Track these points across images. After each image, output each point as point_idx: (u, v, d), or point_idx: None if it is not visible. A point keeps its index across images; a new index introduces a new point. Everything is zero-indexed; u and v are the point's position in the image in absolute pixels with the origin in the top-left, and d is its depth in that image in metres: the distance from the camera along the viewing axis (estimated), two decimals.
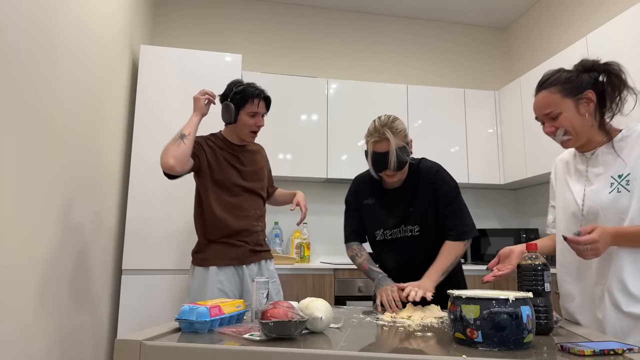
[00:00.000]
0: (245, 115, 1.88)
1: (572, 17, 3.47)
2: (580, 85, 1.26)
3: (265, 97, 1.91)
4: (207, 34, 3.78)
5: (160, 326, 1.09)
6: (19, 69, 1.40)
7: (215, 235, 1.88)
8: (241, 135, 1.92)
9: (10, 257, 1.40)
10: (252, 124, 1.89)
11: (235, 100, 1.87)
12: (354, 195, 1.75)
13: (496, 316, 0.90)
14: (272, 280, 1.95)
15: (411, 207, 1.64)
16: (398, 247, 1.67)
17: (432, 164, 1.67)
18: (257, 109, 1.88)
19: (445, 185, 1.62)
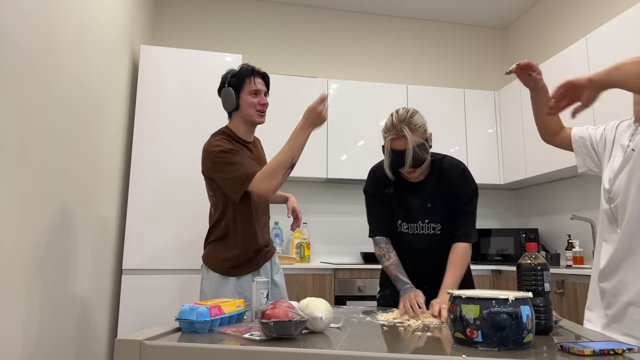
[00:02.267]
0: (247, 95, 1.77)
1: (571, 17, 3.47)
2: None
3: (261, 73, 1.81)
4: (207, 34, 3.78)
5: (160, 326, 1.09)
6: (18, 69, 1.40)
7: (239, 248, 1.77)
8: (248, 118, 1.78)
9: (9, 257, 1.40)
10: (257, 102, 1.77)
11: (232, 84, 1.78)
12: (375, 184, 1.67)
13: (496, 316, 0.90)
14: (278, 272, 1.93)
15: (429, 203, 1.60)
16: (417, 242, 1.62)
17: (458, 162, 1.62)
18: (256, 86, 1.77)
19: (468, 186, 1.59)
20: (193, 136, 2.75)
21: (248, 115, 1.78)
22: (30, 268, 1.54)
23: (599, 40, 2.72)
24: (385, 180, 1.65)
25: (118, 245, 2.65)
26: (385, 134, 1.54)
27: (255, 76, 1.78)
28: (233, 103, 1.77)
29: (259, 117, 1.79)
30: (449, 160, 1.63)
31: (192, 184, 2.71)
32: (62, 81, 1.74)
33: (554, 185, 3.54)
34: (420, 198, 1.61)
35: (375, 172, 1.69)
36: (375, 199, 1.68)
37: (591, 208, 3.16)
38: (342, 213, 3.71)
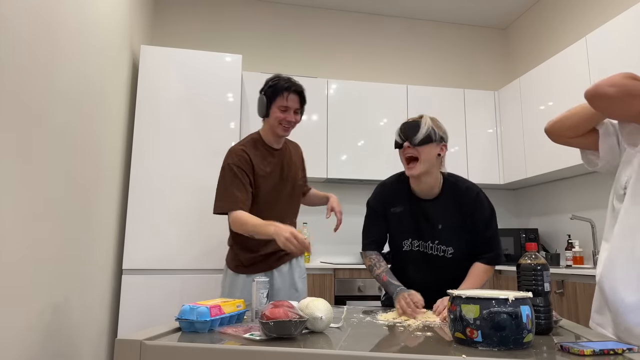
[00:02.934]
0: (276, 108, 1.82)
1: (571, 17, 3.47)
2: None
3: (297, 90, 1.84)
4: (207, 34, 3.78)
5: (160, 326, 1.09)
6: (18, 69, 1.40)
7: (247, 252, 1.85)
8: (273, 129, 1.84)
9: (10, 257, 1.40)
10: (282, 118, 1.81)
11: (267, 93, 1.84)
12: (381, 201, 1.65)
13: (496, 316, 0.90)
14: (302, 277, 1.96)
15: (440, 224, 1.57)
16: (427, 262, 1.60)
17: (473, 185, 1.59)
18: (286, 102, 1.81)
19: (486, 210, 1.56)
20: (193, 136, 2.75)
21: (273, 126, 1.84)
22: (30, 267, 1.54)
23: (599, 40, 2.72)
24: (394, 198, 1.63)
25: (118, 245, 2.65)
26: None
27: (290, 93, 1.82)
28: (262, 112, 1.85)
29: (282, 132, 1.84)
30: (464, 183, 1.60)
31: (192, 184, 2.71)
32: (62, 81, 1.74)
33: (554, 185, 3.54)
34: (431, 218, 1.58)
35: (383, 189, 1.67)
36: (377, 215, 1.65)
37: (591, 208, 3.16)
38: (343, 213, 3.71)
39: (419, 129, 1.50)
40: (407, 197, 1.61)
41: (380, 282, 1.56)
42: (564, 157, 2.99)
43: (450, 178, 1.60)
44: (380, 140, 3.53)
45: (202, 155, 2.75)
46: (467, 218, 1.56)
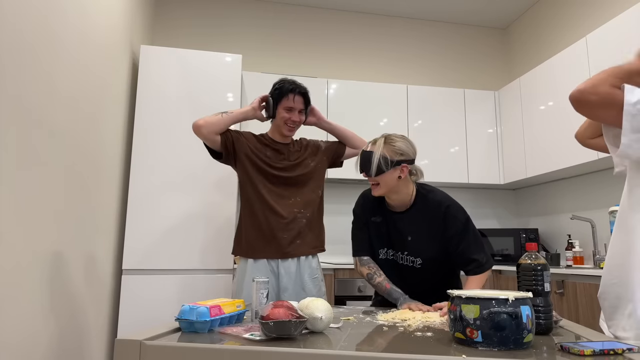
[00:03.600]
0: (282, 109, 1.94)
1: (571, 17, 3.47)
2: None
3: (302, 92, 1.95)
4: (207, 34, 3.78)
5: (160, 326, 1.09)
6: (18, 69, 1.40)
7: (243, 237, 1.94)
8: (279, 129, 1.97)
9: (10, 258, 1.40)
10: (288, 118, 1.93)
11: (274, 95, 1.95)
12: (363, 210, 1.73)
13: (496, 316, 0.90)
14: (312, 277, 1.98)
15: (409, 236, 1.61)
16: (399, 271, 1.66)
17: (442, 198, 1.59)
18: (292, 103, 1.93)
19: (456, 222, 1.56)
20: (193, 136, 2.75)
21: (279, 126, 1.97)
22: (29, 268, 1.54)
23: (599, 40, 2.72)
24: (372, 208, 1.70)
25: (118, 245, 2.65)
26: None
27: (295, 94, 1.93)
28: (269, 113, 1.98)
29: (287, 131, 1.96)
30: (435, 196, 1.61)
31: (193, 183, 2.71)
32: (62, 81, 1.74)
33: (554, 185, 3.54)
34: (401, 229, 1.63)
35: (365, 200, 1.74)
36: (362, 222, 1.73)
37: (591, 208, 3.16)
38: (342, 213, 3.71)
39: (370, 163, 1.56)
40: (383, 209, 1.68)
41: (382, 289, 1.60)
42: (564, 157, 2.98)
43: (422, 191, 1.63)
44: None
45: (202, 155, 2.74)
46: (438, 232, 1.58)
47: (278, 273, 1.90)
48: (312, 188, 2.01)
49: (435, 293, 1.57)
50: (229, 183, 2.76)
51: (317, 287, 1.97)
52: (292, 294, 1.89)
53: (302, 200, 1.96)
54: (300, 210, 1.95)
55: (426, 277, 1.63)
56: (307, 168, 2.00)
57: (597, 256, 2.88)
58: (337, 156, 2.18)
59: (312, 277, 1.96)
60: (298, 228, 1.93)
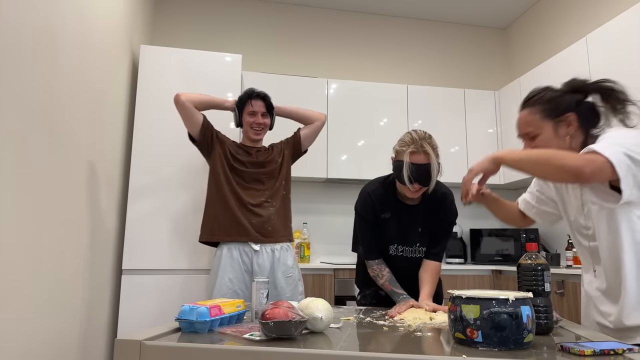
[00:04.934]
0: (246, 115, 2.12)
1: (571, 17, 3.47)
2: (561, 107, 1.22)
3: (260, 96, 2.11)
4: (207, 34, 3.78)
5: (160, 326, 1.09)
6: (18, 70, 1.40)
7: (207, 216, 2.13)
8: (247, 134, 2.14)
9: (10, 257, 1.40)
10: (252, 121, 2.10)
11: (238, 105, 2.14)
12: (370, 209, 1.66)
13: (496, 316, 0.90)
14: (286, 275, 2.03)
15: (420, 227, 1.66)
16: (408, 264, 1.68)
17: (448, 190, 1.69)
18: (252, 107, 2.10)
19: (452, 214, 1.69)
20: None
21: (246, 132, 2.15)
22: (30, 268, 1.54)
23: (599, 40, 2.72)
24: (382, 204, 1.66)
25: (118, 245, 2.65)
26: (403, 147, 1.52)
27: (253, 99, 2.10)
28: (237, 122, 2.16)
29: (254, 134, 2.12)
30: (441, 188, 1.68)
31: (192, 183, 2.71)
32: (61, 81, 1.74)
33: None
34: (414, 221, 1.66)
35: (370, 196, 1.66)
36: (368, 222, 1.67)
37: None
38: (342, 213, 3.71)
39: (430, 176, 1.51)
40: (393, 203, 1.66)
41: (385, 291, 1.65)
42: None
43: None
44: (380, 140, 3.53)
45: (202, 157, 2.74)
46: (439, 219, 1.66)
47: (252, 270, 1.94)
48: (278, 181, 2.12)
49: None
50: None
51: (290, 286, 1.98)
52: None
53: (270, 193, 2.08)
54: (267, 200, 2.06)
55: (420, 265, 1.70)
56: (274, 164, 2.13)
57: None
58: (296, 143, 2.25)
59: (285, 276, 1.99)
60: (267, 215, 2.03)
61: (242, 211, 2.01)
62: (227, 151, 2.08)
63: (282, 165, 2.15)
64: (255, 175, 2.07)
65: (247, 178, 2.07)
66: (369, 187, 1.69)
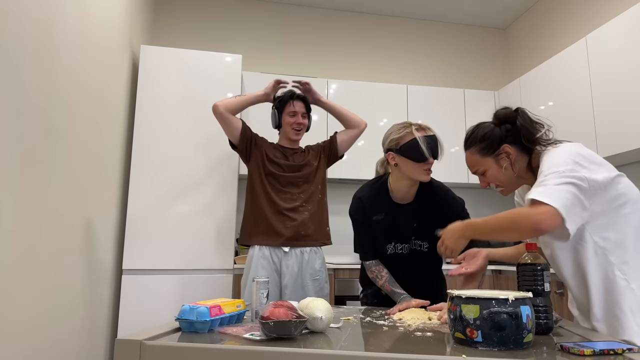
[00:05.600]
0: (286, 116, 2.13)
1: (571, 17, 3.47)
2: (494, 142, 1.28)
3: (300, 97, 2.14)
4: (207, 34, 3.78)
5: (160, 326, 1.09)
6: (18, 69, 1.40)
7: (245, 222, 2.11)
8: (287, 134, 2.15)
9: (10, 257, 1.40)
10: (293, 122, 2.12)
11: (277, 106, 2.15)
12: (362, 212, 1.71)
13: (496, 316, 0.90)
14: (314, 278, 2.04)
15: (416, 223, 1.66)
16: (405, 260, 1.69)
17: (441, 185, 1.70)
18: (294, 108, 2.12)
19: (457, 204, 1.67)
20: (193, 136, 2.75)
21: (287, 132, 2.15)
22: (30, 268, 1.54)
23: (599, 40, 2.72)
24: (374, 207, 1.68)
25: (118, 245, 2.65)
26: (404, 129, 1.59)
27: (294, 100, 2.12)
28: (276, 122, 2.17)
29: (294, 135, 2.14)
30: (433, 184, 1.69)
31: (192, 183, 2.71)
32: (62, 81, 1.74)
33: None
34: (409, 218, 1.66)
35: (361, 201, 1.71)
36: (361, 226, 1.72)
37: None
38: (342, 213, 3.71)
39: (440, 146, 1.59)
40: (387, 204, 1.68)
41: (385, 292, 1.64)
42: None
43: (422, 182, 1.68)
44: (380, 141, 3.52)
45: (202, 155, 2.75)
46: (441, 214, 1.64)
47: (280, 271, 1.95)
48: (314, 185, 2.11)
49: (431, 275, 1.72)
50: (229, 182, 2.76)
51: (317, 288, 1.99)
52: (292, 291, 1.92)
53: (305, 196, 2.07)
54: (302, 204, 2.05)
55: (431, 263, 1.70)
56: (310, 167, 2.12)
57: None
58: (333, 148, 2.23)
59: (312, 278, 1.99)
60: (301, 219, 2.02)
61: (275, 216, 2.02)
62: (264, 155, 2.09)
63: (319, 169, 2.15)
64: (291, 179, 2.07)
65: (283, 182, 2.07)
66: (359, 192, 1.75)
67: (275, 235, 2.00)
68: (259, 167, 2.07)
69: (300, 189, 2.08)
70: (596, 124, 2.73)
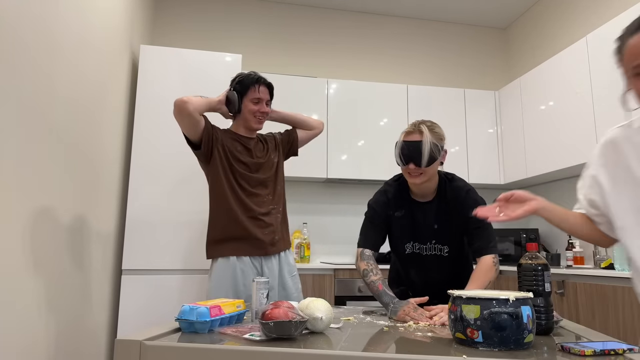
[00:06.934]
0: (249, 102, 1.89)
1: (571, 17, 3.47)
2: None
3: (266, 83, 1.92)
4: (207, 34, 3.78)
5: (160, 326, 1.09)
6: (17, 70, 1.40)
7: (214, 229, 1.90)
8: (247, 123, 1.92)
9: (10, 258, 1.40)
10: (256, 110, 1.90)
11: (237, 89, 1.90)
12: (384, 205, 1.64)
13: (496, 316, 0.90)
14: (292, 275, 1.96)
15: (436, 224, 1.60)
16: (426, 263, 1.63)
17: (463, 184, 1.60)
18: (258, 94, 1.89)
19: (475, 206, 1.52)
20: None
21: (247, 121, 1.91)
22: (29, 268, 1.54)
23: (599, 40, 2.71)
24: (395, 204, 1.63)
25: (118, 245, 2.65)
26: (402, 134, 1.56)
27: (260, 84, 1.89)
28: (235, 107, 1.90)
29: (256, 124, 1.92)
30: (455, 184, 1.61)
31: (192, 184, 2.71)
32: (61, 81, 1.74)
33: (555, 185, 3.54)
34: (428, 219, 1.60)
35: (387, 195, 1.65)
36: (380, 219, 1.64)
37: None
38: (342, 213, 3.71)
39: (421, 152, 1.47)
40: (407, 201, 1.63)
41: (374, 289, 1.51)
42: (564, 157, 2.98)
43: (445, 178, 1.63)
44: (380, 140, 3.53)
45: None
46: (460, 216, 1.56)
47: (262, 272, 1.88)
48: (279, 182, 1.98)
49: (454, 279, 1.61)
50: None
51: (295, 285, 1.95)
52: (275, 292, 1.88)
53: (274, 198, 1.94)
54: (273, 206, 1.92)
55: (452, 266, 1.62)
56: (273, 165, 1.97)
57: (597, 256, 2.87)
58: (290, 145, 2.09)
59: (291, 275, 1.95)
60: (275, 224, 1.91)
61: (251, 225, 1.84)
62: (227, 151, 1.87)
63: (279, 165, 2.00)
64: (260, 180, 1.90)
65: (253, 182, 1.89)
66: (384, 187, 1.69)
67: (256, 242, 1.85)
68: (224, 167, 1.86)
69: (268, 189, 1.92)
70: (596, 124, 2.73)
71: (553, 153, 3.09)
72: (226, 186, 1.85)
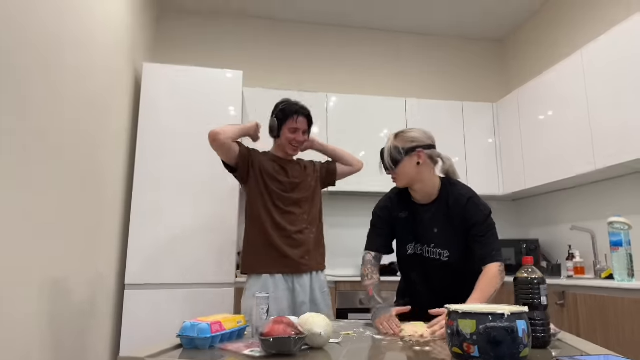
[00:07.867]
0: (287, 130, 2.02)
1: (568, 30, 3.52)
2: None
3: (305, 114, 2.05)
4: (208, 51, 3.84)
5: (162, 343, 1.10)
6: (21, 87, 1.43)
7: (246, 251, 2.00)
8: (283, 148, 2.06)
9: (11, 273, 1.42)
10: (292, 138, 2.02)
11: (278, 116, 2.04)
12: (385, 209, 1.73)
13: (492, 331, 0.91)
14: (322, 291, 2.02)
15: (436, 228, 1.62)
16: (427, 267, 1.64)
17: (465, 191, 1.61)
18: (296, 124, 2.02)
19: (478, 213, 1.56)
20: (195, 152, 2.78)
21: (283, 146, 2.06)
22: (32, 282, 1.55)
23: (595, 53, 2.75)
24: (399, 206, 1.70)
25: (120, 260, 2.66)
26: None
27: (299, 116, 2.03)
28: (274, 133, 2.07)
29: (291, 151, 2.07)
30: (458, 189, 1.62)
31: (195, 198, 2.73)
32: (64, 99, 1.77)
33: (554, 195, 3.55)
34: (428, 222, 1.63)
35: (390, 197, 1.77)
36: (383, 221, 1.72)
37: (591, 219, 3.17)
38: (344, 225, 3.72)
39: (383, 157, 1.68)
40: (408, 203, 1.69)
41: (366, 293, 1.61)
42: (563, 168, 3.00)
43: (447, 183, 1.65)
44: None
45: (204, 172, 2.77)
46: (462, 224, 1.57)
47: (293, 288, 1.93)
48: (316, 205, 2.08)
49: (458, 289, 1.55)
50: (230, 198, 2.78)
51: (325, 301, 2.00)
52: (306, 308, 1.93)
53: (308, 218, 2.03)
54: (306, 226, 2.00)
55: (453, 271, 1.60)
56: (309, 188, 2.07)
57: (598, 266, 2.87)
58: (328, 174, 2.22)
59: (322, 291, 2.01)
60: (307, 243, 1.98)
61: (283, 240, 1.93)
62: (262, 172, 1.99)
63: (317, 190, 2.11)
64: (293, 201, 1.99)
65: (287, 202, 1.98)
66: (388, 193, 1.81)
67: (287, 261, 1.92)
68: (259, 186, 1.98)
69: (302, 209, 2.01)
70: (593, 135, 2.75)
71: (552, 164, 3.11)
72: (260, 205, 1.97)
